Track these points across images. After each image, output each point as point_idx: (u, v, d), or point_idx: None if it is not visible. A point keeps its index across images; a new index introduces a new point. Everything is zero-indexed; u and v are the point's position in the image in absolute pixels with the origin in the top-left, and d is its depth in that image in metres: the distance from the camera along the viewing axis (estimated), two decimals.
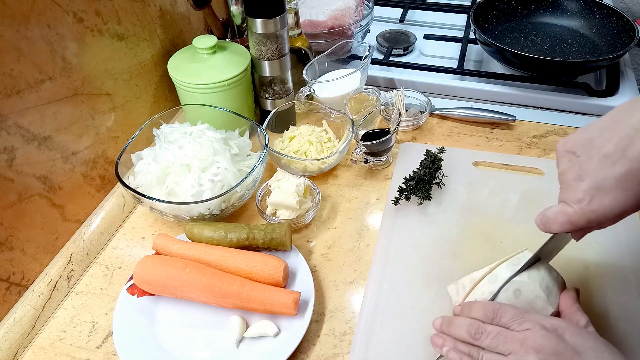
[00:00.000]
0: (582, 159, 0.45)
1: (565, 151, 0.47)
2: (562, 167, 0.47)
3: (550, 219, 0.48)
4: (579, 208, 0.45)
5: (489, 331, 0.45)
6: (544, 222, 0.49)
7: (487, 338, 0.45)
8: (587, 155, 0.45)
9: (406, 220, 0.69)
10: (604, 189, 0.43)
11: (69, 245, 0.66)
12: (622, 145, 0.42)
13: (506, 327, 0.46)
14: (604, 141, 0.44)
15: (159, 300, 0.60)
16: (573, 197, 0.45)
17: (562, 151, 0.47)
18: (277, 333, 0.56)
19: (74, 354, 0.57)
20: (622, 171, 0.42)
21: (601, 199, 0.44)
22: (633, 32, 0.90)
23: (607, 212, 0.44)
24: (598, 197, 0.44)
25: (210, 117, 0.75)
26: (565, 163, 0.47)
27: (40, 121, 0.60)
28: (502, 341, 0.44)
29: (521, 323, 0.45)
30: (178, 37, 0.85)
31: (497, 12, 1.04)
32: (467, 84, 0.93)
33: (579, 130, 0.47)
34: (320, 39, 0.94)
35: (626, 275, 0.60)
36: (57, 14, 0.60)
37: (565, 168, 0.47)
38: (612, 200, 0.43)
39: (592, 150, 0.45)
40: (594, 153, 0.44)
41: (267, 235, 0.62)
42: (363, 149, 0.74)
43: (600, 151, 0.44)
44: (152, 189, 0.67)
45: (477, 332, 0.46)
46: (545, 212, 0.49)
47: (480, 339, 0.45)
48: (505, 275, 0.51)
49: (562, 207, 0.47)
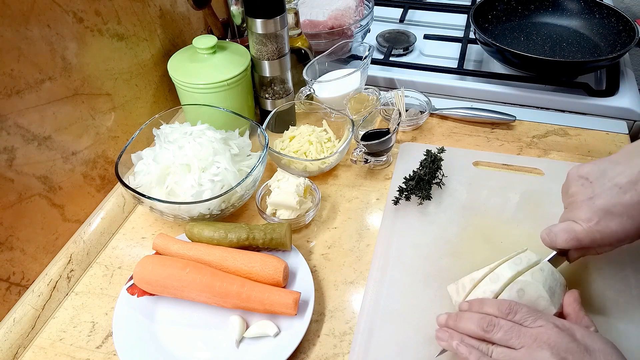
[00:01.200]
0: (595, 184, 0.50)
1: (578, 176, 0.52)
2: (573, 189, 0.52)
3: (557, 234, 0.51)
4: (587, 226, 0.49)
5: (502, 325, 0.46)
6: (550, 236, 0.52)
7: (499, 331, 0.45)
8: (600, 182, 0.50)
9: (406, 220, 0.69)
10: (612, 213, 0.48)
11: (69, 245, 0.66)
12: (634, 179, 0.48)
13: (519, 323, 0.46)
14: (616, 173, 0.49)
15: (159, 300, 0.60)
16: (582, 216, 0.50)
17: (575, 176, 0.52)
18: (277, 333, 0.56)
19: (74, 354, 0.58)
20: (632, 200, 0.47)
21: (608, 222, 0.48)
22: (633, 32, 0.90)
23: (611, 235, 0.48)
24: (606, 219, 0.48)
25: (210, 117, 0.75)
26: (578, 186, 0.52)
27: (40, 121, 0.60)
28: (516, 335, 0.44)
29: (535, 320, 0.45)
30: (178, 37, 0.85)
31: (497, 12, 1.04)
32: (467, 84, 0.93)
33: (592, 162, 0.52)
34: (320, 39, 0.94)
35: (626, 276, 0.60)
36: (57, 14, 0.60)
37: (576, 190, 0.51)
38: (618, 224, 0.48)
39: (604, 179, 0.50)
40: (606, 181, 0.49)
41: (267, 235, 0.62)
42: (363, 149, 0.74)
43: (613, 180, 0.49)
44: (152, 189, 0.67)
45: (489, 325, 0.46)
46: (551, 227, 0.53)
47: (492, 332, 0.45)
48: (507, 274, 0.51)
49: (570, 224, 0.51)
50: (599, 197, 0.49)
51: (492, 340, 0.46)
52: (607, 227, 0.48)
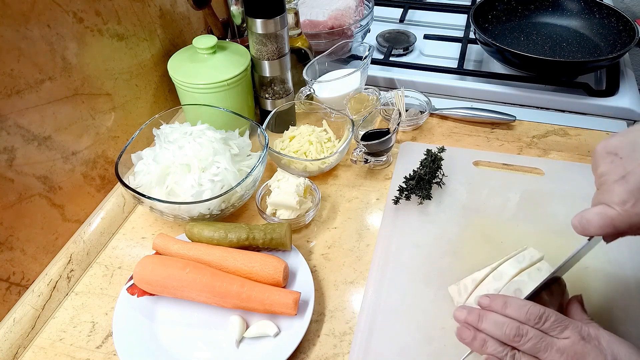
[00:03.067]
0: (626, 160, 0.44)
1: (607, 153, 0.45)
2: (602, 169, 0.45)
3: (590, 221, 0.45)
4: (622, 210, 0.43)
5: (531, 336, 0.44)
6: (582, 224, 0.46)
7: (528, 342, 0.44)
8: (632, 157, 0.44)
9: (406, 220, 0.69)
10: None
11: (69, 245, 0.66)
12: None
13: (546, 332, 0.44)
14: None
15: (159, 300, 0.60)
16: (616, 199, 0.43)
17: (602, 153, 0.46)
18: (277, 333, 0.56)
19: (74, 354, 0.57)
20: None
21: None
22: (633, 32, 0.89)
23: None
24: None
25: (210, 117, 0.75)
26: (607, 165, 0.45)
27: (40, 121, 0.60)
28: (544, 348, 0.43)
29: (562, 331, 0.44)
30: (178, 37, 0.85)
31: (497, 12, 1.04)
32: (467, 84, 0.93)
33: (619, 133, 0.46)
34: (320, 39, 0.94)
35: (626, 276, 0.60)
36: (57, 14, 0.60)
37: (606, 169, 0.45)
38: None
39: (636, 153, 0.44)
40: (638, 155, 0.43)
41: (267, 235, 0.62)
42: (363, 149, 0.74)
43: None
44: (152, 189, 0.67)
45: (517, 334, 0.44)
46: (583, 213, 0.46)
47: (520, 342, 0.44)
48: (510, 272, 0.51)
49: (603, 208, 0.44)
50: (633, 174, 0.43)
51: (518, 348, 0.45)
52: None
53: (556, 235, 0.63)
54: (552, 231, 0.65)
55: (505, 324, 0.45)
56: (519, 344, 0.44)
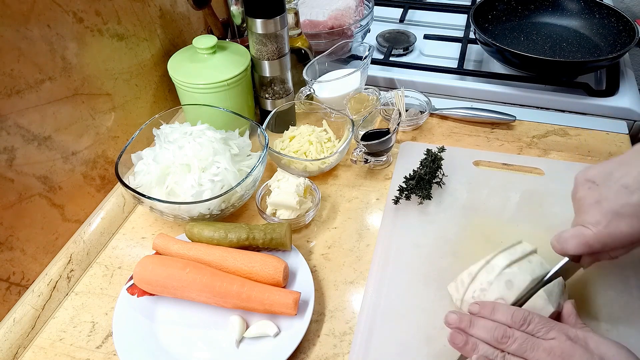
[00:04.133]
0: (602, 187, 0.49)
1: (585, 180, 0.51)
2: (580, 194, 0.51)
3: (567, 240, 0.50)
4: (596, 230, 0.48)
5: (517, 337, 0.45)
6: (560, 242, 0.51)
7: (514, 343, 0.45)
8: (607, 185, 0.49)
9: (406, 220, 0.69)
10: (621, 214, 0.47)
11: (69, 245, 0.66)
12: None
13: (532, 334, 0.46)
14: (623, 174, 0.48)
15: (159, 300, 0.60)
16: (591, 220, 0.48)
17: (581, 180, 0.51)
18: (277, 333, 0.56)
19: (74, 354, 0.57)
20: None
21: (618, 224, 0.47)
22: (633, 32, 0.90)
23: (622, 237, 0.47)
24: (615, 221, 0.47)
25: (210, 117, 0.75)
26: (585, 190, 0.50)
27: (40, 121, 0.60)
28: (530, 348, 0.44)
29: (548, 331, 0.45)
30: (178, 37, 0.85)
31: (497, 12, 1.04)
32: (467, 84, 0.93)
33: (598, 165, 0.51)
34: (320, 39, 0.94)
35: (626, 276, 0.60)
36: (57, 14, 0.60)
37: (584, 194, 0.50)
38: (628, 226, 0.47)
39: (611, 181, 0.48)
40: (612, 183, 0.48)
41: (267, 235, 0.62)
42: (363, 149, 0.74)
43: (619, 182, 0.48)
44: (152, 189, 0.67)
45: (503, 336, 0.46)
46: (561, 233, 0.51)
47: (507, 344, 0.45)
48: (501, 264, 0.52)
49: (579, 229, 0.50)
50: (607, 199, 0.48)
51: (506, 351, 0.46)
52: (617, 229, 0.47)
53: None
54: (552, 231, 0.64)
55: (493, 328, 0.47)
56: (507, 345, 0.45)
